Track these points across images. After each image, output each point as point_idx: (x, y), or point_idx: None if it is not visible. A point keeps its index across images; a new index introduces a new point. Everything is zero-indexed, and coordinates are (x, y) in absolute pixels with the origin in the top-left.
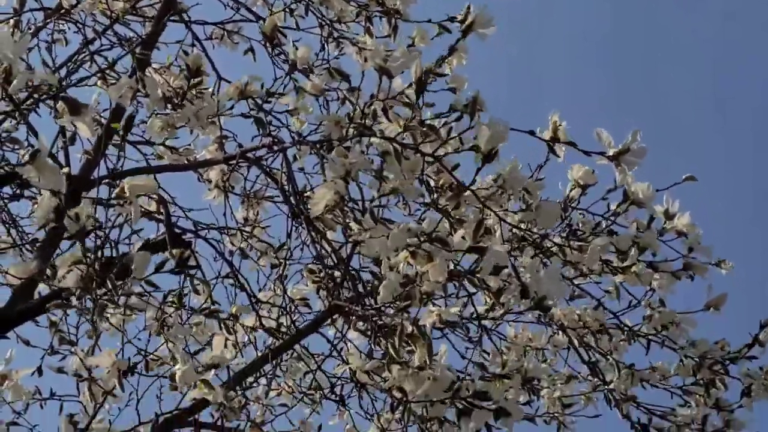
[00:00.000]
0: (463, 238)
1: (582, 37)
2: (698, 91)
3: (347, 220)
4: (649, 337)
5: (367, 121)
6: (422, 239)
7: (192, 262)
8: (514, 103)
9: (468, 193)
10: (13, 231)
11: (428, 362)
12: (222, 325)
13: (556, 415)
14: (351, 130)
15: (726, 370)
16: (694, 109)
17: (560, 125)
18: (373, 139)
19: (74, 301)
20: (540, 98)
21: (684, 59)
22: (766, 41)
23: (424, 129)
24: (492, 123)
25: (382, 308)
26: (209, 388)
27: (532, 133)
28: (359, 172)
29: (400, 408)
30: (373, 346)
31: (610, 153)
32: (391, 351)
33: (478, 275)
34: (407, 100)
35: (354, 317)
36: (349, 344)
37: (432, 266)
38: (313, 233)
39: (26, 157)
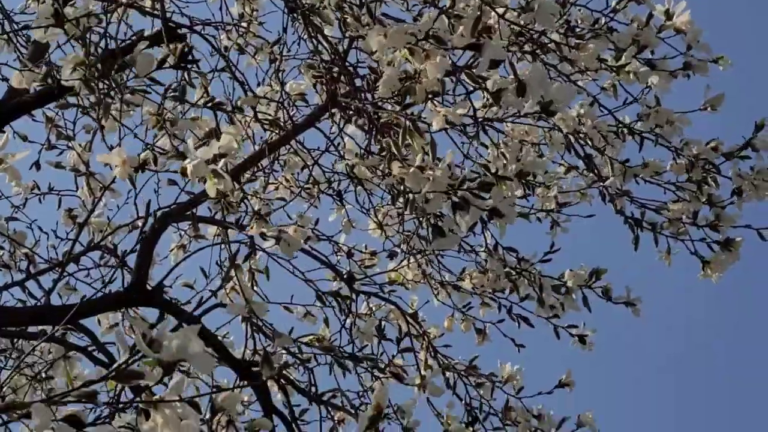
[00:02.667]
0: (461, 35)
1: None
2: None
3: (345, 16)
4: (643, 134)
5: None
6: (420, 38)
7: (189, 56)
8: None
9: None
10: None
11: (432, 159)
12: (227, 117)
13: (549, 213)
14: None
15: (718, 170)
16: None
17: None
18: None
19: (81, 95)
20: None
21: None
22: None
23: None
24: None
25: (380, 103)
26: (219, 177)
27: None
28: None
29: (401, 199)
30: (371, 141)
31: None
32: (393, 149)
33: (475, 71)
34: None
35: (351, 111)
36: (346, 140)
37: (430, 63)
38: (309, 28)
39: None
